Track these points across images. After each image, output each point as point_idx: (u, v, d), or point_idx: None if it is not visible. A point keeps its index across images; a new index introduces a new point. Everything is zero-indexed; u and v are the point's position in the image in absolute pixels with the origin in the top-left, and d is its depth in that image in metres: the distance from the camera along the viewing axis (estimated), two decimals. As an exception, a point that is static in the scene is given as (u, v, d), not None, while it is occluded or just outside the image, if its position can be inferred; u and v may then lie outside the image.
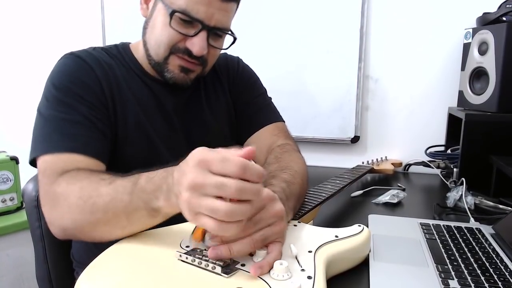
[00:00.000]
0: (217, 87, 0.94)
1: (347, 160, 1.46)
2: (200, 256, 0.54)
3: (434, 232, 0.76)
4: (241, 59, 1.01)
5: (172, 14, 0.75)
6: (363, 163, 1.26)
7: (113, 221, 0.60)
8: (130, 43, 0.90)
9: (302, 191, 0.77)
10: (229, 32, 0.83)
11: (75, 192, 0.62)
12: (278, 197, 0.59)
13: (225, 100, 0.95)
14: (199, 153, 0.51)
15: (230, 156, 0.49)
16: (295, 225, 0.67)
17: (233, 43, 0.84)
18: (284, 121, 0.98)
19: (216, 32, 0.79)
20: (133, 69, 0.85)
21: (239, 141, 0.97)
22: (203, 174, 0.49)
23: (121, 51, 0.87)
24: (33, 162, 0.72)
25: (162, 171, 0.57)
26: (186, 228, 0.65)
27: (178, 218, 0.68)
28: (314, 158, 1.53)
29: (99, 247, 0.59)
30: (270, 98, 1.01)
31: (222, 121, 0.93)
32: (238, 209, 0.48)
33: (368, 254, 0.65)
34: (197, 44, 0.76)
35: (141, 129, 0.81)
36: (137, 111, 0.81)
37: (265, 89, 1.01)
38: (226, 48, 0.85)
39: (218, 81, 0.95)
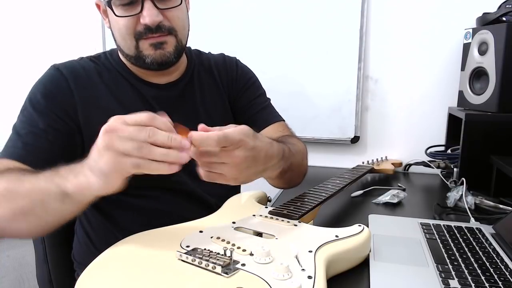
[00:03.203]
0: (212, 86, 0.94)
1: (347, 160, 1.46)
2: (200, 256, 0.54)
3: (435, 232, 0.76)
4: (239, 60, 1.01)
5: (109, 5, 0.77)
6: (363, 163, 1.26)
7: (30, 208, 0.62)
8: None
9: (298, 168, 0.83)
10: None
11: (2, 184, 0.64)
12: (250, 147, 0.61)
13: (222, 100, 0.94)
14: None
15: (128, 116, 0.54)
16: (295, 225, 0.67)
17: None
18: (284, 120, 0.98)
19: None
20: (121, 73, 0.86)
21: None
22: (119, 122, 0.54)
23: (109, 57, 0.88)
24: None
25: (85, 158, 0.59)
26: (186, 228, 0.65)
27: (178, 218, 0.68)
28: (314, 158, 1.51)
29: (100, 247, 0.59)
30: (269, 99, 1.01)
31: (218, 120, 0.92)
32: (168, 152, 0.53)
33: (368, 254, 0.65)
34: (146, 15, 0.76)
35: None
36: (121, 114, 0.82)
37: (264, 90, 1.01)
38: (180, 4, 0.81)
39: (214, 80, 0.95)
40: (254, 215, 0.71)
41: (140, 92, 0.85)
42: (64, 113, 0.79)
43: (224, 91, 0.95)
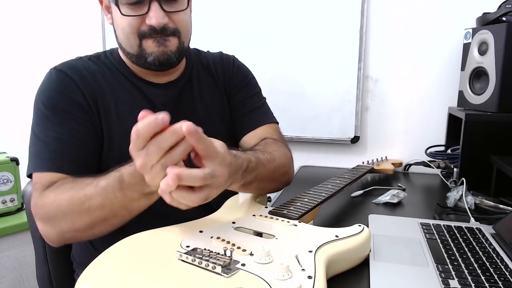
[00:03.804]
0: (211, 84, 0.94)
1: (347, 160, 1.46)
2: (200, 256, 0.54)
3: (435, 232, 0.76)
4: (236, 58, 1.01)
5: (117, 3, 0.77)
6: (363, 163, 1.26)
7: (110, 216, 0.66)
8: (118, 47, 0.90)
9: (269, 177, 0.80)
10: None
11: (65, 202, 0.67)
12: (228, 161, 0.61)
13: (220, 98, 0.95)
14: None
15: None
16: (295, 225, 0.67)
17: None
18: (277, 123, 0.98)
19: None
20: (122, 72, 0.86)
21: (234, 139, 0.97)
22: (137, 154, 0.55)
23: (109, 56, 0.88)
24: (30, 176, 0.78)
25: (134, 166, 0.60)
26: (186, 228, 0.65)
27: (178, 218, 0.68)
28: (314, 158, 1.53)
29: (99, 248, 0.59)
30: (265, 98, 1.00)
31: (216, 118, 0.93)
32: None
33: (368, 254, 0.65)
34: (153, 16, 0.76)
35: (129, 131, 0.81)
36: (124, 114, 0.82)
37: (260, 88, 1.01)
38: (186, 8, 0.81)
39: (213, 78, 0.95)
40: (254, 215, 0.71)
41: (141, 91, 0.86)
42: (83, 113, 0.79)
43: (221, 89, 0.95)
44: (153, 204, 0.82)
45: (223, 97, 0.95)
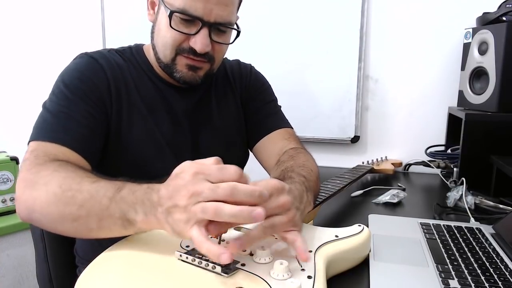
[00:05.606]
0: (228, 92, 0.95)
1: (347, 160, 1.46)
2: (200, 256, 0.54)
3: (434, 232, 0.76)
4: (253, 67, 1.02)
5: (171, 15, 0.76)
6: (363, 163, 1.26)
7: (83, 220, 0.59)
8: (143, 44, 0.90)
9: (317, 188, 0.79)
10: (232, 26, 0.81)
11: (57, 180, 0.62)
12: (287, 188, 0.58)
13: (236, 105, 0.95)
14: (193, 165, 0.53)
15: (227, 165, 0.51)
16: (295, 225, 0.67)
17: (237, 36, 0.83)
18: (293, 128, 0.98)
19: (218, 27, 0.78)
20: (145, 71, 0.86)
21: (248, 146, 0.98)
22: (201, 182, 0.51)
23: (134, 53, 0.88)
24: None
25: (145, 186, 0.57)
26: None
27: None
28: (314, 158, 1.53)
29: (102, 242, 0.59)
30: (280, 106, 1.01)
31: (231, 125, 0.93)
32: (241, 210, 0.49)
33: (368, 254, 0.65)
34: (199, 41, 0.76)
35: (147, 131, 0.82)
36: (145, 113, 0.82)
37: (276, 98, 1.02)
38: (231, 42, 0.84)
39: (230, 86, 0.95)
40: (254, 215, 0.71)
41: (162, 93, 0.86)
42: (101, 102, 0.78)
43: (237, 96, 0.96)
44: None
45: (238, 104, 0.96)
